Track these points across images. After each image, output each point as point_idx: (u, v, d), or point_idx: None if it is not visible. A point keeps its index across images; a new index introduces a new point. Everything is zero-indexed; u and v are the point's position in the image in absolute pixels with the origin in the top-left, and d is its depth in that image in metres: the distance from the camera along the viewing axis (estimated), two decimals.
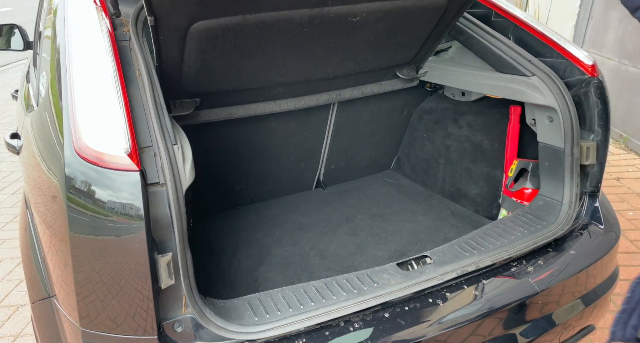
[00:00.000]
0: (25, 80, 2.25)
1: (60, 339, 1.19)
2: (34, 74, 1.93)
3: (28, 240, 1.39)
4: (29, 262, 1.37)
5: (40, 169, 1.17)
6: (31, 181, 1.31)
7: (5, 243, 2.87)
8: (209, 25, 1.26)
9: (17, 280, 2.54)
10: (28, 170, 1.37)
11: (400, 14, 1.49)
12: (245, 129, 1.85)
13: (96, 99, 1.06)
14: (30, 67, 2.24)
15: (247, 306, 1.21)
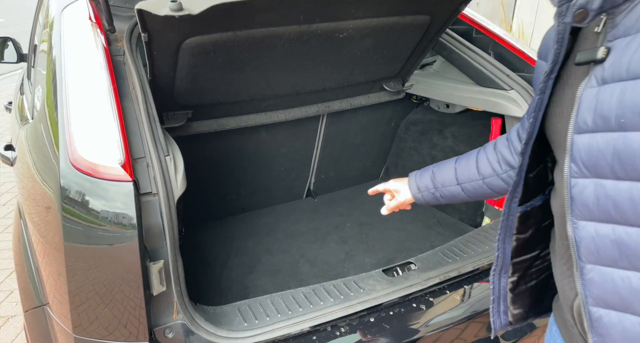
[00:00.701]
0: (19, 92, 2.29)
1: None
2: (28, 86, 1.97)
3: (22, 250, 1.41)
4: (23, 271, 1.39)
5: (34, 180, 1.20)
6: (25, 191, 1.34)
7: None
8: (201, 41, 1.31)
9: (7, 290, 2.54)
10: (22, 181, 1.40)
11: (385, 30, 1.55)
12: (237, 140, 1.90)
13: (91, 112, 1.10)
14: (24, 80, 2.28)
15: (236, 312, 1.24)
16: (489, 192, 1.08)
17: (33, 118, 1.48)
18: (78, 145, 1.05)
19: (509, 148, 1.01)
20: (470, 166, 1.08)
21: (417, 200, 1.19)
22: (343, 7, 1.36)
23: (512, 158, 1.00)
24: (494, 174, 1.04)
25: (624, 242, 0.62)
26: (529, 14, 5.13)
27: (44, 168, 1.15)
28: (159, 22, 1.17)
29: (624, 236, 0.62)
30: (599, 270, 0.66)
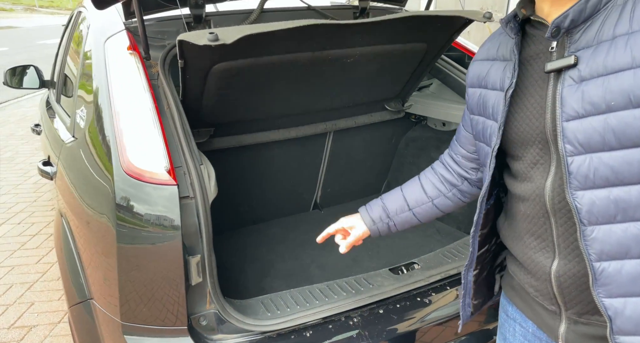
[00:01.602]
0: (47, 115, 2.47)
1: (96, 336, 1.36)
2: (61, 110, 2.15)
3: (66, 254, 1.57)
4: (67, 273, 1.55)
5: (86, 189, 1.37)
6: (73, 200, 1.50)
7: (15, 269, 3.00)
8: (227, 66, 1.50)
9: (28, 302, 2.66)
10: (68, 192, 1.57)
11: (388, 56, 1.76)
12: (251, 156, 2.08)
13: (138, 128, 1.28)
14: (52, 104, 2.46)
15: (260, 304, 1.40)
16: (438, 213, 1.22)
17: (75, 136, 1.66)
18: (129, 155, 1.22)
19: (448, 170, 1.18)
20: (418, 191, 1.21)
21: (372, 232, 1.29)
22: (351, 36, 1.56)
23: (453, 177, 1.17)
24: (441, 195, 1.19)
25: (623, 199, 0.76)
26: None
27: (97, 177, 1.32)
28: (195, 50, 1.36)
29: (622, 195, 0.76)
30: (600, 228, 0.78)
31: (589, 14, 0.78)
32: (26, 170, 4.76)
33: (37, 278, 2.90)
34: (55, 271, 2.95)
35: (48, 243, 3.31)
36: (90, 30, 1.76)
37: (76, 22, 2.33)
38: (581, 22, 0.79)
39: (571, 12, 0.78)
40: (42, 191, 4.22)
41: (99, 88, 1.45)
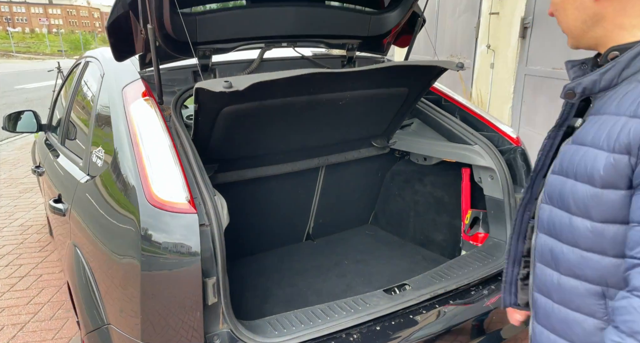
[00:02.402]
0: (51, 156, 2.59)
1: None
2: (69, 151, 2.28)
3: (82, 283, 1.67)
4: (82, 304, 1.64)
5: (109, 220, 1.50)
6: (91, 232, 1.62)
7: (5, 311, 3.00)
8: (235, 108, 1.69)
9: None
10: (84, 225, 1.69)
11: (374, 99, 1.98)
12: (251, 189, 2.24)
13: (160, 163, 1.44)
14: (56, 146, 2.59)
15: (267, 324, 1.52)
16: None
17: (90, 174, 1.80)
18: (153, 187, 1.37)
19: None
20: None
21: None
22: (342, 82, 1.79)
23: None
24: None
25: (554, 250, 0.90)
26: (484, 85, 5.83)
27: (121, 209, 1.45)
28: (210, 96, 1.55)
29: (554, 247, 0.89)
30: (540, 267, 0.94)
31: (605, 85, 0.83)
32: (11, 213, 4.77)
33: (29, 318, 2.90)
34: (47, 311, 2.97)
35: (38, 284, 3.32)
36: (105, 79, 1.93)
37: (83, 71, 2.50)
38: (599, 90, 0.84)
39: (584, 81, 0.86)
40: (28, 233, 4.24)
41: (118, 130, 1.61)
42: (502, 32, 5.34)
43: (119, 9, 1.64)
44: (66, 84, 3.13)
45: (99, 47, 2.51)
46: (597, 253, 0.82)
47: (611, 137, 0.78)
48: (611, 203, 0.78)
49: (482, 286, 1.79)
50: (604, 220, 0.80)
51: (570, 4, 0.88)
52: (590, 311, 0.85)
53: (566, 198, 0.85)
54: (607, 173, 0.77)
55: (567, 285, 0.88)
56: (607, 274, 0.82)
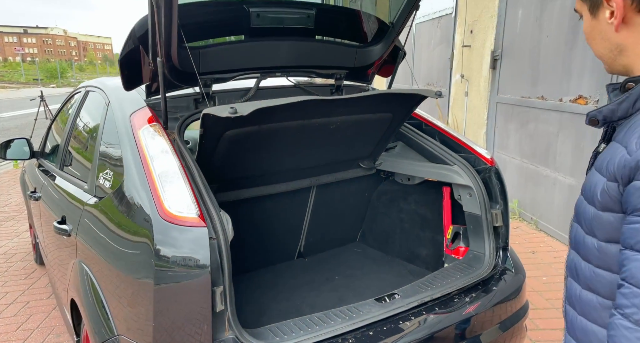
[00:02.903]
0: (49, 179, 2.67)
1: None
2: (70, 176, 2.38)
3: (90, 298, 1.75)
4: (91, 316, 1.72)
5: (122, 236, 1.61)
6: (101, 249, 1.72)
7: None
8: (236, 132, 1.84)
9: None
10: (94, 243, 1.78)
11: (362, 123, 2.17)
12: (247, 208, 2.36)
13: (170, 182, 1.57)
14: (55, 172, 2.68)
15: (269, 331, 1.63)
16: None
17: (97, 195, 1.91)
18: (165, 203, 1.49)
19: None
20: None
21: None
22: (333, 108, 1.97)
23: None
24: None
25: (576, 264, 0.95)
26: (460, 112, 6.15)
27: (133, 226, 1.56)
28: (212, 121, 1.70)
29: (576, 261, 0.95)
30: (569, 280, 0.99)
31: (622, 114, 0.87)
32: None
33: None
34: (37, 336, 2.97)
35: (26, 311, 3.31)
36: (111, 107, 2.06)
37: (83, 100, 2.62)
38: (618, 119, 0.88)
39: (604, 110, 0.90)
40: (12, 261, 4.22)
41: (128, 153, 1.74)
42: (474, 63, 5.69)
43: (129, 44, 1.80)
44: (62, 113, 3.24)
45: (75, 76, 2.64)
46: (605, 270, 0.87)
47: (608, 164, 0.83)
48: (610, 225, 0.84)
49: (464, 294, 1.94)
50: (606, 239, 0.86)
51: (597, 34, 0.92)
52: (603, 323, 0.89)
53: (582, 217, 0.92)
54: (603, 197, 0.84)
55: (585, 297, 0.93)
56: (615, 289, 0.84)
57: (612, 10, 0.86)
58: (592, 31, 0.94)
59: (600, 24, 0.91)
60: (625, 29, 0.86)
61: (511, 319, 2.00)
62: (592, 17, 0.92)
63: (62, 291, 2.33)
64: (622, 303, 0.78)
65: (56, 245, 2.36)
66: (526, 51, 4.61)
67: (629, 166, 0.78)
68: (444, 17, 6.78)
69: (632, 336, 0.76)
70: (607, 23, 0.88)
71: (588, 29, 0.95)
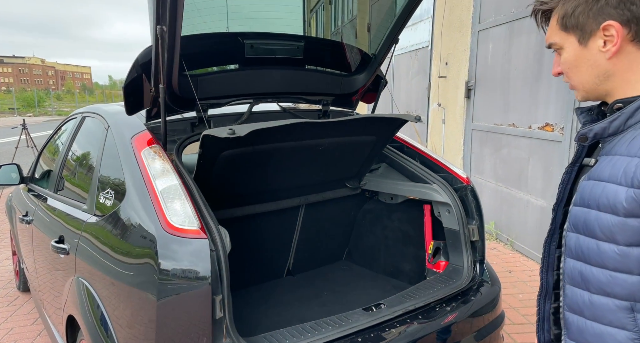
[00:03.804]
0: (43, 203, 2.74)
1: None
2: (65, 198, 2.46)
3: (92, 312, 1.82)
4: (91, 329, 1.78)
5: (122, 253, 1.70)
6: (103, 265, 1.80)
7: None
8: (232, 152, 1.98)
9: None
10: (95, 260, 1.86)
11: (347, 145, 2.33)
12: (238, 226, 2.46)
13: (172, 198, 1.68)
14: (49, 195, 2.75)
15: (264, 339, 1.72)
16: None
17: (97, 214, 2.00)
18: (168, 217, 1.60)
19: None
20: None
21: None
22: (321, 130, 2.13)
23: None
24: None
25: (583, 272, 0.98)
26: (437, 138, 6.42)
27: (137, 240, 1.65)
28: (213, 141, 1.83)
29: (583, 269, 0.98)
30: (570, 288, 1.02)
31: (612, 132, 0.95)
32: None
33: None
34: None
35: (10, 337, 3.29)
36: (111, 131, 2.17)
37: (79, 126, 2.73)
38: (608, 135, 0.96)
39: (595, 128, 0.97)
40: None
41: (130, 173, 1.85)
42: (450, 92, 6.00)
43: (133, 73, 1.94)
44: (54, 139, 3.32)
45: (52, 104, 2.74)
46: (625, 273, 0.91)
47: (628, 174, 0.88)
48: (634, 229, 0.88)
49: (445, 304, 2.07)
50: (628, 243, 0.90)
51: (585, 62, 0.98)
52: (621, 324, 0.93)
53: (591, 226, 0.95)
54: (629, 204, 0.87)
55: (598, 302, 0.96)
56: (635, 290, 0.90)
57: (606, 39, 0.94)
58: (578, 60, 0.99)
59: (590, 52, 0.97)
60: (615, 57, 0.94)
61: (488, 327, 2.13)
62: (580, 47, 0.98)
63: (56, 310, 2.37)
64: None
65: (51, 264, 2.41)
66: (497, 81, 4.92)
67: None
68: (420, 50, 7.16)
69: None
70: (599, 51, 0.95)
71: (572, 58, 1.00)
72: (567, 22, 0.98)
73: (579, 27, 0.97)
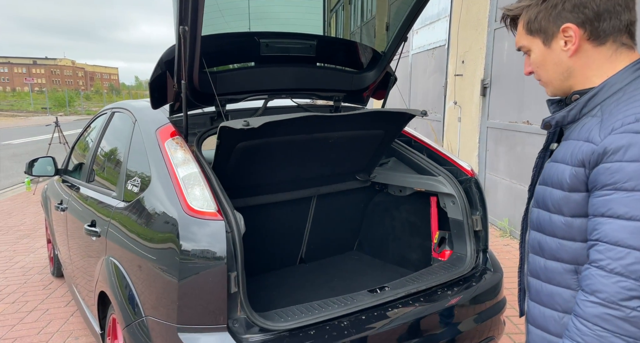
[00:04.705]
0: (76, 192, 2.96)
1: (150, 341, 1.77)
2: (97, 187, 2.67)
3: (121, 287, 2.01)
4: (120, 302, 1.97)
5: (149, 234, 1.87)
6: (131, 245, 1.98)
7: (17, 340, 3.21)
8: (247, 144, 2.14)
9: None
10: (125, 240, 2.05)
11: (357, 139, 2.47)
12: (253, 215, 2.62)
13: (193, 184, 1.85)
14: (81, 184, 2.97)
15: (275, 314, 1.87)
16: None
17: (125, 200, 2.19)
18: (189, 201, 1.77)
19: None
20: None
21: None
22: (333, 124, 2.27)
23: None
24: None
25: (540, 241, 1.13)
26: (453, 136, 6.47)
27: (161, 222, 1.82)
28: (230, 133, 2.00)
29: (540, 239, 1.13)
30: (532, 256, 1.17)
31: (571, 119, 1.09)
32: (11, 257, 4.98)
33: None
34: (58, 339, 3.19)
35: (46, 317, 3.54)
36: (138, 124, 2.37)
37: (109, 120, 2.94)
38: (567, 123, 1.10)
39: (557, 116, 1.12)
40: (30, 274, 4.45)
41: (155, 161, 2.03)
42: (466, 90, 6.06)
43: (157, 70, 2.12)
44: (85, 133, 3.56)
45: (82, 104, 2.93)
46: (569, 240, 1.06)
47: (573, 155, 1.02)
48: (576, 202, 1.03)
49: (447, 288, 2.19)
50: (572, 214, 1.04)
51: (550, 61, 1.11)
52: (567, 284, 1.08)
53: (547, 201, 1.09)
54: (571, 180, 1.02)
55: (550, 267, 1.11)
56: (577, 255, 1.05)
57: (566, 39, 1.06)
58: (544, 60, 1.11)
59: (553, 52, 1.09)
60: (575, 55, 1.07)
61: (489, 312, 2.23)
62: (545, 48, 1.10)
63: (88, 289, 2.58)
64: (596, 257, 0.95)
65: (84, 247, 2.63)
66: (512, 79, 4.97)
67: (597, 153, 0.97)
68: (437, 48, 7.21)
69: (607, 281, 0.92)
70: (562, 50, 1.07)
71: (539, 59, 1.12)
72: (532, 27, 1.10)
73: (542, 30, 1.09)
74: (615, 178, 0.94)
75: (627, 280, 0.91)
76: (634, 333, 0.90)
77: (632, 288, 0.90)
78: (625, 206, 0.92)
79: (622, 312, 0.91)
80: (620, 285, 0.91)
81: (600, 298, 0.93)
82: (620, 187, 0.93)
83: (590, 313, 0.95)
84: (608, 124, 0.98)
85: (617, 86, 1.03)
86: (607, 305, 0.93)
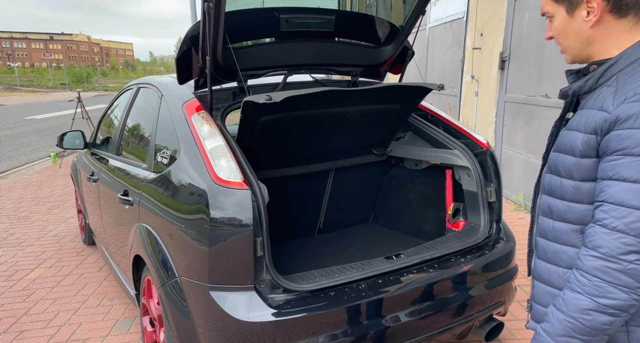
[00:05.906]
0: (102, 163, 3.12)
1: (184, 299, 1.93)
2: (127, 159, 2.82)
3: (156, 251, 2.16)
4: (155, 264, 2.13)
5: (180, 202, 2.01)
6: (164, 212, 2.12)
7: (57, 300, 3.44)
8: (269, 118, 2.24)
9: (76, 323, 3.11)
10: (157, 208, 2.19)
11: (374, 113, 2.54)
12: (273, 187, 2.75)
13: (219, 156, 1.96)
14: (110, 157, 3.13)
15: (297, 277, 2.01)
16: None
17: (155, 171, 2.32)
18: (217, 171, 1.89)
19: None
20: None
21: None
22: (350, 98, 2.35)
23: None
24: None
25: (550, 204, 1.20)
26: (470, 111, 6.45)
27: (191, 191, 1.95)
28: (253, 107, 2.09)
29: (550, 202, 1.20)
30: (542, 218, 1.24)
31: (587, 89, 1.13)
32: (44, 226, 5.25)
33: (79, 306, 3.36)
34: (94, 300, 3.42)
35: (81, 280, 3.78)
36: (165, 99, 2.48)
37: (135, 96, 3.06)
38: (584, 92, 1.14)
39: (574, 86, 1.16)
40: (63, 242, 4.71)
41: (183, 134, 2.15)
42: (484, 64, 6.01)
43: (183, 46, 2.21)
44: (112, 108, 3.70)
45: (99, 80, 3.03)
46: (577, 202, 1.14)
47: (586, 123, 1.07)
48: (586, 167, 1.09)
49: (460, 256, 2.30)
50: (581, 179, 1.11)
51: (571, 29, 1.15)
52: (572, 243, 1.17)
53: (559, 166, 1.16)
54: (583, 147, 1.09)
55: (558, 227, 1.19)
56: (583, 216, 1.13)
57: (589, 10, 1.10)
58: (566, 28, 1.16)
59: (575, 21, 1.13)
60: (596, 26, 1.11)
61: (501, 278, 2.34)
62: (568, 16, 1.14)
63: (122, 253, 2.76)
64: (601, 216, 1.03)
65: (117, 215, 2.80)
66: (532, 52, 4.92)
67: (609, 121, 1.03)
68: (455, 21, 7.11)
69: (609, 238, 1.01)
70: (583, 20, 1.11)
71: (560, 26, 1.17)
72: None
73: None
74: (625, 144, 1.00)
75: (627, 236, 0.99)
76: (629, 283, 0.99)
77: (631, 244, 0.98)
78: (631, 170, 0.99)
79: (620, 265, 0.99)
80: (621, 240, 0.99)
81: (601, 253, 1.01)
82: (628, 152, 0.99)
83: (590, 266, 1.03)
84: (622, 93, 1.03)
85: (634, 56, 1.07)
86: (606, 259, 1.01)
